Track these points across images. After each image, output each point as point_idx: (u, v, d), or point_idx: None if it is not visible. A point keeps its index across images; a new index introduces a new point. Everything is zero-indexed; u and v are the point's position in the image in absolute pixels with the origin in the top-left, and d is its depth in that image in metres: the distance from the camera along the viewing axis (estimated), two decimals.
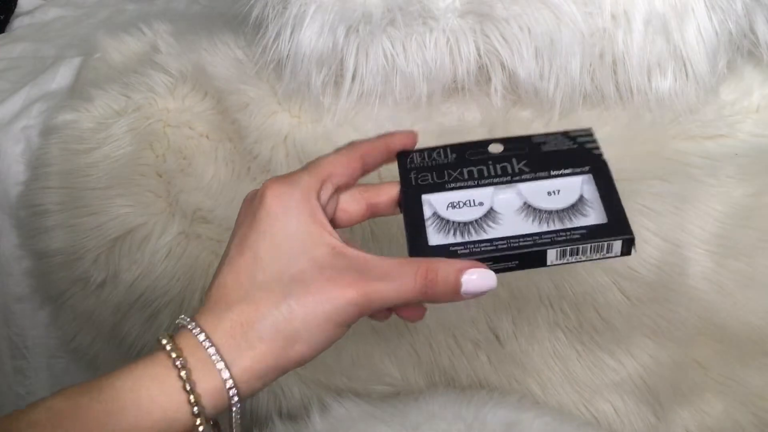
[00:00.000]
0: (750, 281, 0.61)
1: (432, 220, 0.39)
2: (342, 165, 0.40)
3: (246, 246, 0.37)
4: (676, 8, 0.60)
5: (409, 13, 0.60)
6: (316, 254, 0.36)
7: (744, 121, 0.64)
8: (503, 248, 0.37)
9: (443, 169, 0.41)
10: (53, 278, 0.72)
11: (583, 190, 0.39)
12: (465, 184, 0.40)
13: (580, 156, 0.40)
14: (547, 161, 0.40)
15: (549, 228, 0.37)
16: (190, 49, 0.70)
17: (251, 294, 0.36)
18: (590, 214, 0.38)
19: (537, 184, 0.39)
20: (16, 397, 0.80)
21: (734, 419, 0.63)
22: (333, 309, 0.35)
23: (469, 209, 0.39)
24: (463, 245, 0.37)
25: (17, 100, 0.81)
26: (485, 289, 0.36)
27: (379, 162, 0.42)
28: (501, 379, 0.64)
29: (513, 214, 0.38)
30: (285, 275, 0.36)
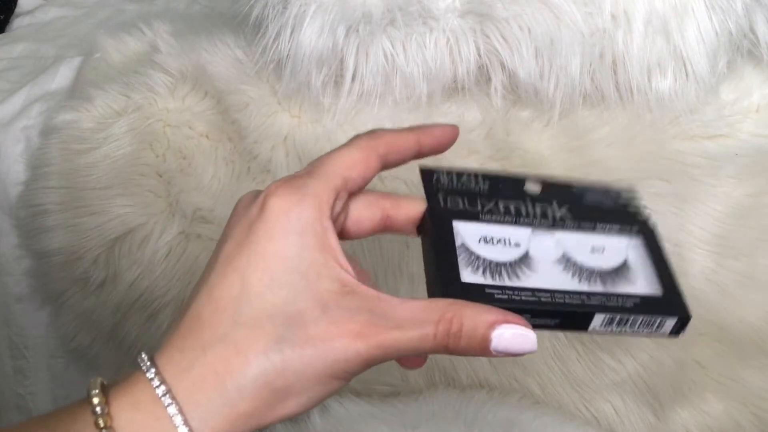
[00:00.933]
0: (750, 281, 0.61)
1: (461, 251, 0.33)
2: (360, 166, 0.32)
3: (232, 268, 0.29)
4: (676, 8, 0.60)
5: (409, 13, 0.60)
6: (320, 289, 0.29)
7: (744, 121, 0.64)
8: (546, 302, 0.31)
9: (476, 197, 0.35)
10: (53, 278, 0.71)
11: (629, 254, 0.34)
12: (501, 219, 0.34)
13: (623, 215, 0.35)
14: (592, 212, 0.35)
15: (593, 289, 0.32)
16: (190, 49, 0.70)
17: (233, 333, 0.28)
18: (637, 282, 0.33)
19: (580, 237, 0.34)
20: (16, 397, 0.80)
21: (734, 419, 0.63)
22: (336, 361, 0.28)
23: (504, 248, 0.33)
24: (500, 289, 0.31)
25: (17, 100, 0.81)
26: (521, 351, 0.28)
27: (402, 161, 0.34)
28: (501, 379, 0.64)
29: (551, 264, 0.33)
30: (279, 313, 0.28)
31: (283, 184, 0.30)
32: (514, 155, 0.63)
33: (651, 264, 0.34)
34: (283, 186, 0.30)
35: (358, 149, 0.32)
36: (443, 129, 0.34)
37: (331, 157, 0.32)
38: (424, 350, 0.29)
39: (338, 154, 0.32)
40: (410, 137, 0.33)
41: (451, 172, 0.36)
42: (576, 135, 0.63)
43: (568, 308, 0.31)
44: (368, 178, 0.32)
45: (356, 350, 0.28)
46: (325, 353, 0.28)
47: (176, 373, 0.28)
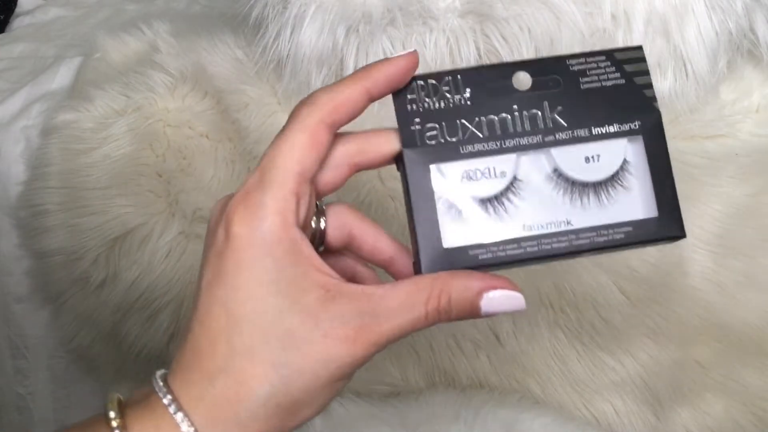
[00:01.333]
0: (750, 281, 0.61)
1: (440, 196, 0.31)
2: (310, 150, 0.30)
3: (215, 299, 0.29)
4: (676, 8, 0.60)
5: (409, 13, 0.60)
6: (305, 303, 0.28)
7: (744, 121, 0.64)
8: (533, 252, 0.30)
9: (455, 118, 0.31)
10: (53, 278, 0.71)
11: (627, 152, 0.32)
12: (484, 148, 0.31)
13: (629, 99, 0.32)
14: (588, 109, 0.31)
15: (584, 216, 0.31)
16: (190, 49, 0.70)
17: (232, 364, 0.28)
18: (633, 188, 0.31)
19: (573, 148, 0.31)
20: (16, 397, 0.80)
21: (734, 419, 0.63)
22: (337, 369, 0.28)
23: (488, 181, 0.31)
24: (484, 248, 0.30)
25: (17, 100, 0.81)
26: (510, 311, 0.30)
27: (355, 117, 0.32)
28: (501, 379, 0.64)
29: (541, 183, 0.31)
30: (271, 336, 0.28)
31: (240, 206, 0.29)
32: None
33: (648, 170, 0.32)
34: (241, 209, 0.29)
35: (301, 132, 0.30)
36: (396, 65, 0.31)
37: (278, 153, 0.30)
38: (418, 329, 0.29)
39: (284, 147, 0.30)
40: (356, 90, 0.31)
41: (427, 81, 0.32)
42: None
43: (555, 254, 0.31)
44: (323, 154, 0.31)
45: (354, 354, 0.28)
46: (325, 365, 0.28)
47: (190, 402, 0.28)
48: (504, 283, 0.30)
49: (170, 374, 0.30)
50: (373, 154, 0.32)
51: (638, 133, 0.32)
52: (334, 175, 0.32)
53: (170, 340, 0.66)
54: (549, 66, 0.32)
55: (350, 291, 0.29)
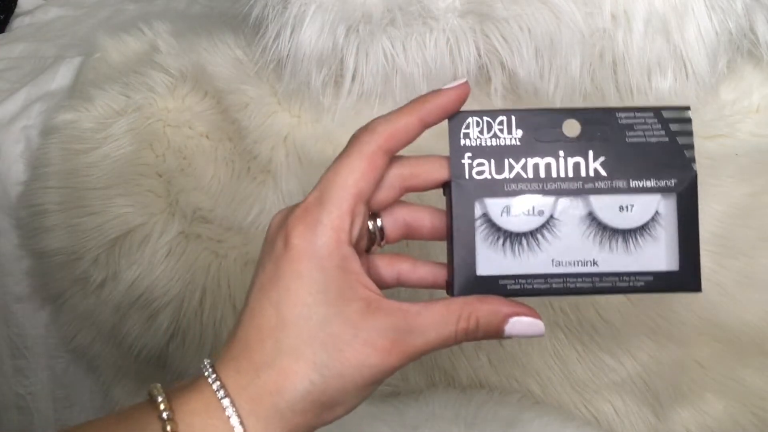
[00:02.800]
0: (750, 281, 0.61)
1: (482, 222, 0.34)
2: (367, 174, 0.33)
3: (267, 301, 0.32)
4: (676, 8, 0.60)
5: (409, 13, 0.60)
6: (348, 313, 0.32)
7: (744, 121, 0.64)
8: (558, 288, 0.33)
9: (504, 157, 0.34)
10: (53, 278, 0.72)
11: (660, 207, 0.34)
12: (528, 188, 0.34)
13: (669, 157, 0.34)
14: (629, 162, 0.34)
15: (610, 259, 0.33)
16: (190, 49, 0.70)
17: (278, 360, 0.32)
18: (660, 238, 0.33)
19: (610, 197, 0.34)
20: (16, 397, 0.80)
21: (734, 419, 0.64)
22: (372, 375, 0.32)
23: (527, 218, 0.34)
24: (513, 279, 0.33)
25: (17, 100, 0.81)
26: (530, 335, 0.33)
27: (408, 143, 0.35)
28: (501, 379, 0.64)
29: (575, 224, 0.34)
30: (315, 339, 0.31)
31: (300, 221, 0.33)
32: None
33: (677, 226, 0.33)
34: (301, 224, 0.32)
35: (360, 157, 0.33)
36: (447, 95, 0.34)
37: (337, 175, 0.33)
38: (447, 347, 0.33)
39: (344, 170, 0.33)
40: (411, 120, 0.34)
41: (483, 117, 0.34)
42: None
43: (577, 292, 0.33)
44: (379, 178, 0.34)
45: (390, 364, 0.32)
46: (362, 370, 0.32)
47: (236, 389, 0.32)
48: (528, 311, 0.33)
49: (218, 362, 0.33)
50: (425, 179, 0.35)
51: (673, 190, 0.34)
52: (386, 195, 0.35)
53: (170, 340, 0.66)
54: (599, 116, 0.34)
55: (389, 306, 0.32)
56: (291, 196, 0.64)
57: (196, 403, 0.32)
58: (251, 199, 0.65)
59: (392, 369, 0.32)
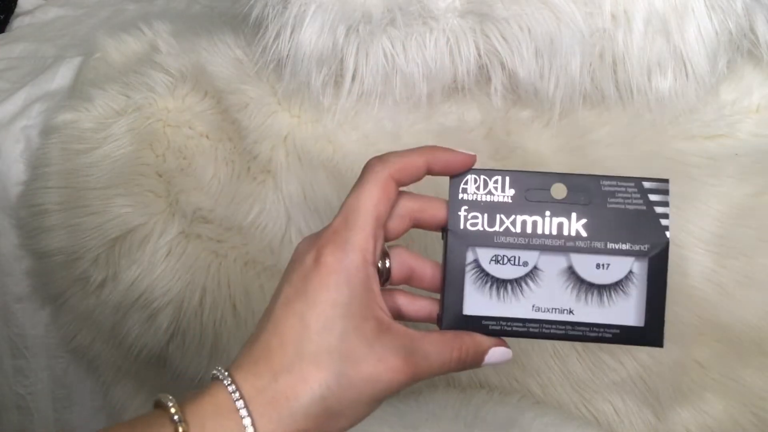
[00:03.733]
0: (750, 281, 0.61)
1: (472, 267, 0.38)
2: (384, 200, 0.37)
3: (292, 311, 0.35)
4: (676, 8, 0.60)
5: (409, 13, 0.60)
6: (365, 329, 0.35)
7: (744, 121, 0.64)
8: (534, 332, 0.37)
9: (496, 213, 0.38)
10: (53, 278, 0.72)
11: (633, 267, 0.37)
12: (515, 242, 0.37)
13: (645, 224, 0.37)
14: (608, 226, 0.37)
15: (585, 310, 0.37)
16: (190, 49, 0.70)
17: (298, 365, 0.34)
18: (631, 294, 0.37)
19: (588, 256, 0.37)
20: (16, 397, 0.80)
21: (734, 419, 0.63)
22: (382, 390, 0.34)
23: (513, 267, 0.38)
24: (495, 321, 0.37)
25: (17, 100, 0.81)
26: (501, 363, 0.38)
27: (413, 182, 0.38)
28: (501, 379, 0.64)
29: (555, 275, 0.37)
30: (334, 349, 0.34)
31: (331, 241, 0.36)
32: (514, 155, 0.63)
33: (646, 287, 0.37)
34: (331, 243, 0.35)
35: (376, 185, 0.36)
36: (455, 156, 0.38)
37: (359, 201, 0.36)
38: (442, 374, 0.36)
39: (365, 195, 0.36)
40: (420, 161, 0.37)
41: (480, 175, 0.38)
42: (576, 135, 0.63)
43: (550, 337, 0.38)
44: (393, 204, 0.37)
45: (398, 381, 0.34)
46: (374, 385, 0.34)
47: (251, 392, 0.33)
48: (502, 342, 0.38)
49: (234, 367, 0.34)
50: (431, 215, 0.38)
51: (646, 255, 0.37)
52: (398, 224, 0.38)
53: (170, 340, 0.66)
54: (584, 182, 0.38)
55: (397, 329, 0.36)
56: (291, 196, 0.64)
57: (209, 405, 0.33)
58: (251, 199, 0.65)
59: (399, 387, 0.35)
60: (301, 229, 0.65)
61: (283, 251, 0.65)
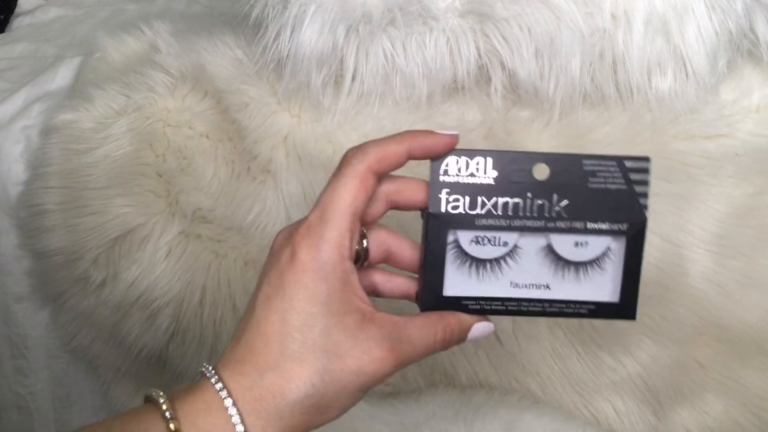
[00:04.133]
0: (750, 281, 0.61)
1: (452, 247, 0.38)
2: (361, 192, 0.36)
3: (272, 310, 0.35)
4: (676, 8, 0.60)
5: (409, 12, 0.60)
6: (347, 322, 0.35)
7: (744, 121, 0.64)
8: (512, 310, 0.38)
9: (478, 195, 0.37)
10: (53, 278, 0.72)
11: (611, 245, 0.38)
12: (496, 224, 0.37)
13: (625, 203, 0.38)
14: (588, 206, 0.37)
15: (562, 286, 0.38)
16: (190, 49, 0.70)
17: (282, 364, 0.34)
18: (607, 270, 0.38)
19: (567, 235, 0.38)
20: (16, 397, 0.80)
21: (734, 419, 0.64)
22: (367, 380, 0.35)
23: (492, 248, 0.38)
24: (474, 300, 0.38)
25: (17, 100, 0.81)
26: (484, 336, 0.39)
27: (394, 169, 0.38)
28: (501, 379, 0.64)
29: (534, 252, 0.38)
30: (317, 346, 0.34)
31: (306, 237, 0.35)
32: None
33: (623, 265, 0.38)
34: (306, 240, 0.35)
35: (353, 177, 0.36)
36: (436, 139, 0.37)
37: (335, 195, 0.36)
38: (428, 355, 0.37)
39: (341, 190, 0.36)
40: (400, 149, 0.36)
41: (461, 156, 0.37)
42: (576, 135, 0.63)
43: (529, 315, 0.38)
44: (371, 196, 0.37)
45: (384, 370, 0.35)
46: (359, 377, 0.35)
47: (238, 390, 0.34)
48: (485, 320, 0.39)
49: (220, 366, 0.35)
50: (408, 198, 0.38)
51: (624, 234, 0.38)
52: (374, 208, 0.38)
53: (170, 339, 0.66)
54: (566, 162, 0.37)
55: (381, 318, 0.36)
56: (291, 196, 0.64)
57: (199, 403, 0.33)
58: (251, 199, 0.65)
59: (385, 375, 0.35)
60: None
61: None
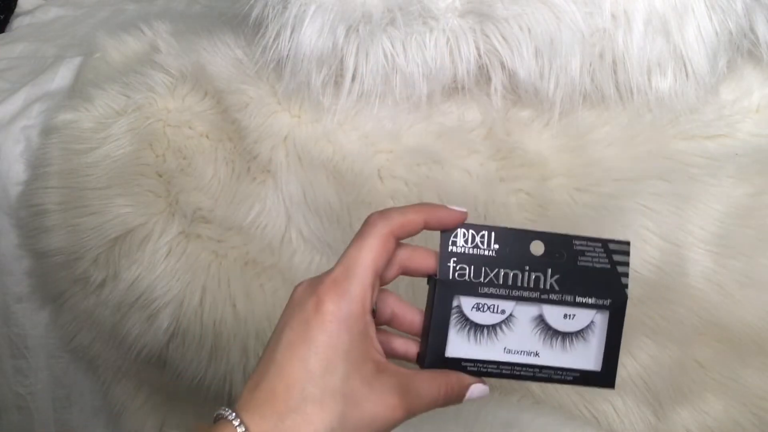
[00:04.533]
0: (750, 281, 0.61)
1: (455, 312, 0.42)
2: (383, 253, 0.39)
3: (295, 356, 0.37)
4: (676, 8, 0.60)
5: (409, 13, 0.60)
6: (364, 371, 0.37)
7: (744, 121, 0.64)
8: (506, 374, 0.42)
9: (482, 265, 0.42)
10: (53, 278, 0.72)
11: (595, 318, 0.42)
12: (496, 293, 0.41)
13: (608, 282, 0.42)
14: (578, 282, 0.42)
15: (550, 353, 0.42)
16: (190, 49, 0.70)
17: (302, 406, 0.36)
18: (591, 342, 0.42)
19: (558, 307, 0.42)
20: (16, 397, 0.80)
21: (734, 419, 0.64)
22: (380, 427, 0.37)
23: (491, 315, 0.42)
24: (473, 363, 0.42)
25: (17, 100, 0.81)
26: (480, 398, 0.42)
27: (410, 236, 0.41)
28: (501, 379, 0.64)
29: (527, 322, 0.42)
30: (338, 392, 0.36)
31: (332, 290, 0.38)
32: (514, 155, 0.63)
33: (605, 337, 0.42)
34: (332, 292, 0.38)
35: (377, 239, 0.39)
36: (449, 213, 0.41)
37: (360, 253, 0.39)
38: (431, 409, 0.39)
39: (366, 249, 0.39)
40: (418, 218, 0.40)
41: (469, 230, 0.42)
42: (576, 135, 0.63)
43: (520, 379, 0.42)
44: (390, 257, 0.40)
45: (396, 418, 0.37)
46: (373, 422, 0.37)
47: None
48: (482, 382, 0.42)
49: (240, 408, 0.36)
50: (418, 263, 0.41)
51: (607, 308, 0.42)
52: (389, 271, 0.41)
53: (170, 340, 0.66)
54: (559, 241, 0.42)
55: (392, 369, 0.38)
56: (291, 196, 0.64)
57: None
58: (251, 199, 0.65)
59: (396, 423, 0.38)
60: (301, 229, 0.65)
61: (283, 251, 0.65)
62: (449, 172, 0.63)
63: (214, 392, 0.67)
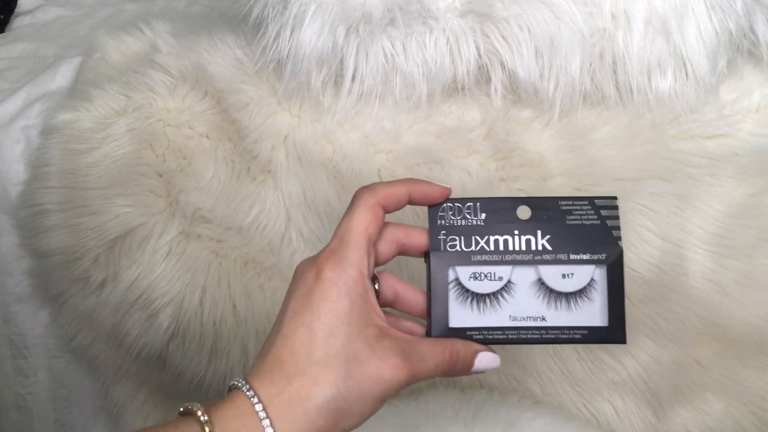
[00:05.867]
0: (750, 281, 0.61)
1: (454, 285, 0.42)
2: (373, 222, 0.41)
3: (300, 323, 0.39)
4: (676, 8, 0.60)
5: (409, 12, 0.60)
6: (367, 334, 0.39)
7: (744, 121, 0.64)
8: (513, 338, 0.42)
9: (471, 234, 0.42)
10: (53, 278, 0.72)
11: (594, 274, 0.42)
12: (489, 259, 0.42)
13: (601, 237, 0.42)
14: (569, 240, 0.42)
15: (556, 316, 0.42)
16: (190, 49, 0.70)
17: (309, 369, 0.38)
18: (595, 299, 0.42)
19: (554, 267, 0.42)
20: (16, 397, 0.80)
21: (734, 419, 0.64)
22: (386, 388, 0.38)
23: (489, 282, 0.42)
24: (477, 330, 0.42)
25: (17, 100, 0.81)
26: (490, 368, 0.42)
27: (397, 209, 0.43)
28: (501, 379, 0.64)
29: (527, 287, 0.42)
30: (341, 354, 0.38)
31: (330, 259, 0.40)
32: (514, 155, 0.63)
33: (607, 291, 0.42)
34: (330, 261, 0.40)
35: (366, 208, 0.41)
36: (433, 188, 0.42)
37: (351, 223, 0.41)
38: (436, 376, 0.40)
39: (356, 219, 0.41)
40: (403, 190, 0.42)
41: (455, 203, 0.43)
42: (576, 135, 0.63)
43: (527, 342, 0.42)
44: (381, 226, 0.42)
45: (400, 379, 0.38)
46: (378, 383, 0.38)
47: (268, 397, 0.37)
48: (491, 350, 0.42)
49: (250, 376, 0.38)
50: (414, 242, 0.43)
51: (604, 263, 0.42)
52: (386, 249, 0.43)
53: (170, 340, 0.66)
54: (545, 204, 0.43)
55: (395, 334, 0.40)
56: (291, 196, 0.64)
57: (230, 410, 0.37)
58: (251, 199, 0.65)
59: (401, 385, 0.38)
60: (301, 229, 0.65)
61: (283, 251, 0.65)
62: (449, 172, 0.63)
63: (214, 392, 0.67)
